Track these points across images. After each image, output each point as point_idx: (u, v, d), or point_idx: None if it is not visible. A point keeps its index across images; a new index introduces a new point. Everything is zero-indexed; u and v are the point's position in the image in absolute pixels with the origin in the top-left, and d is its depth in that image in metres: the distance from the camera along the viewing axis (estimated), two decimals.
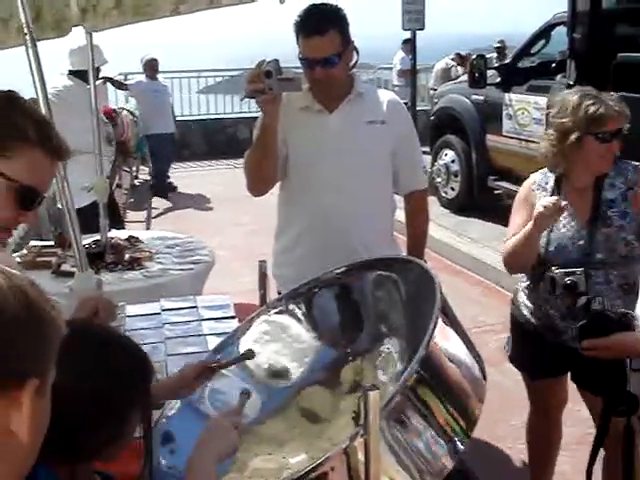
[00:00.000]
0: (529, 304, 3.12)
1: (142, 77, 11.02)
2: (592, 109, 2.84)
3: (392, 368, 2.04)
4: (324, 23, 2.89)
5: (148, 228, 8.51)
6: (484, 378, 1.86)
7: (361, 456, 1.47)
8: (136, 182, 11.42)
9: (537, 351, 3.18)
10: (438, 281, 1.85)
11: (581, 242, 2.90)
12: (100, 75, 5.81)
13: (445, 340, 1.75)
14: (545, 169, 3.08)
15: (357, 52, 3.04)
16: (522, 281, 3.16)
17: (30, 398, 0.88)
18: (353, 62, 3.05)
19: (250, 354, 2.11)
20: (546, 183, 3.05)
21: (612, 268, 2.89)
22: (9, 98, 1.64)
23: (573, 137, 2.86)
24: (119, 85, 9.01)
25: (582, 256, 2.89)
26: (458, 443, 1.67)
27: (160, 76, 11.17)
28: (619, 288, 2.91)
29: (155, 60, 10.93)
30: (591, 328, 2.49)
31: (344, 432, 1.87)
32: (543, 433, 3.42)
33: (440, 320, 1.72)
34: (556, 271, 2.91)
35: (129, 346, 1.54)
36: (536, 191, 3.07)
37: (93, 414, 1.42)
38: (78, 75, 5.51)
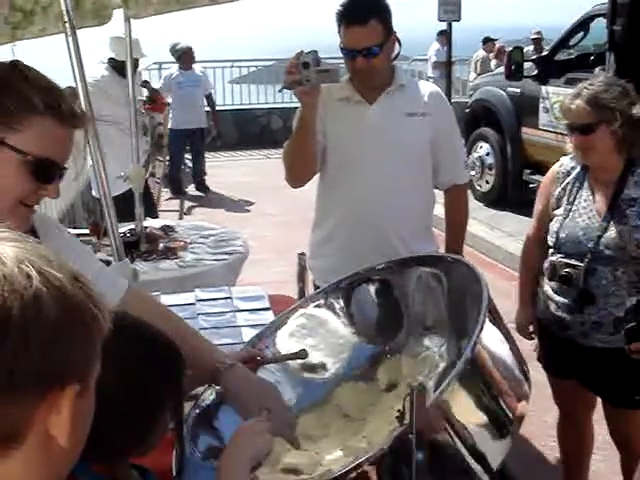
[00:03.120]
0: (542, 296, 3.12)
1: (174, 67, 10.55)
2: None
3: (432, 367, 2.00)
4: (366, 13, 2.86)
5: (181, 218, 8.55)
6: (527, 380, 1.82)
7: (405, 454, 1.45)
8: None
9: (553, 348, 3.17)
10: (485, 281, 1.81)
11: (592, 235, 2.87)
12: (138, 66, 5.80)
13: (490, 341, 1.72)
14: None
15: (399, 43, 3.01)
16: (541, 275, 3.14)
17: (71, 402, 0.86)
18: (395, 53, 3.02)
19: (303, 354, 2.09)
20: (572, 168, 3.03)
21: (620, 266, 2.85)
22: (13, 68, 1.56)
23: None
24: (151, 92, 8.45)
25: (590, 249, 2.87)
26: (502, 442, 1.65)
27: (197, 66, 10.66)
28: (629, 285, 2.86)
29: (191, 49, 10.44)
30: (639, 331, 2.45)
31: (381, 430, 1.84)
32: (572, 437, 3.39)
33: (487, 321, 1.68)
34: (559, 259, 2.92)
35: (163, 339, 1.52)
36: (560, 176, 3.07)
37: (128, 411, 1.40)
38: (115, 67, 5.53)
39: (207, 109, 10.80)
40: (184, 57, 10.35)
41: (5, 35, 3.49)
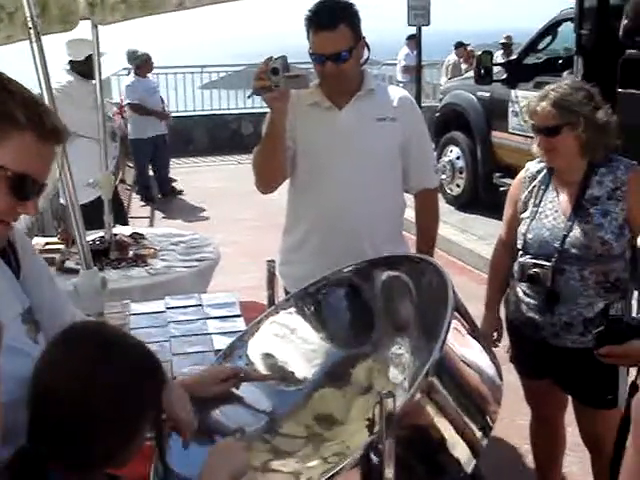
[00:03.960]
0: (513, 298, 3.14)
1: (132, 76, 10.49)
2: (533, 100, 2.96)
3: (405, 369, 2.00)
4: (335, 18, 2.85)
5: (152, 224, 8.49)
6: (500, 378, 1.82)
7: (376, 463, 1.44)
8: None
9: (525, 349, 3.19)
10: (450, 280, 1.81)
11: (559, 235, 2.91)
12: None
13: (459, 340, 1.71)
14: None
15: (368, 48, 3.01)
16: (511, 277, 3.16)
17: None
18: (364, 58, 3.02)
19: (286, 376, 2.09)
20: (538, 172, 3.07)
21: (587, 265, 2.89)
22: None
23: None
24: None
25: (557, 249, 2.91)
26: (475, 446, 1.64)
27: (150, 74, 10.72)
28: (597, 285, 2.91)
29: (150, 57, 10.46)
30: (608, 334, 2.46)
31: (358, 436, 1.84)
32: (545, 438, 3.42)
33: (454, 320, 1.68)
34: (526, 259, 2.96)
35: (141, 350, 1.51)
36: (526, 181, 3.11)
37: (104, 421, 1.39)
38: (79, 71, 5.49)
39: None
40: (144, 64, 10.34)
41: None
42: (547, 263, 2.92)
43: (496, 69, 8.42)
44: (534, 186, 3.05)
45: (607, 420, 2.94)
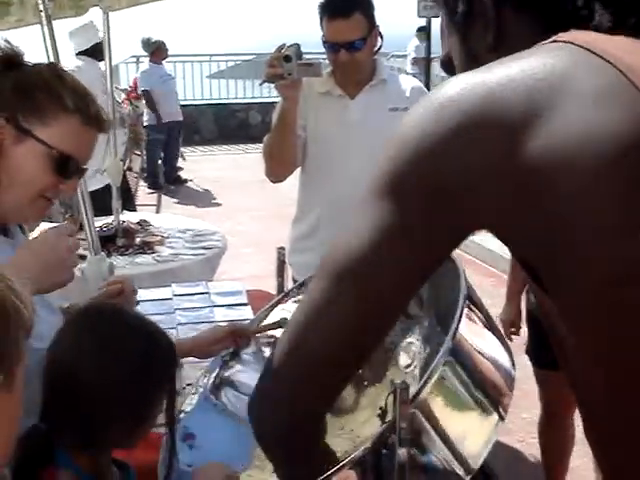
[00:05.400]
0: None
1: (146, 62, 10.67)
2: None
3: (414, 359, 1.98)
4: (349, 6, 2.83)
5: (158, 212, 8.49)
6: (514, 369, 1.80)
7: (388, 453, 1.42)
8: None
9: (544, 340, 3.15)
10: (462, 268, 1.79)
11: None
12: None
13: (472, 329, 1.69)
14: None
15: (381, 37, 2.99)
16: None
17: None
18: (377, 47, 3.00)
19: (283, 322, 2.07)
20: None
21: None
22: (50, 68, 1.72)
23: None
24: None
25: None
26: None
27: (164, 61, 10.80)
28: None
29: (164, 43, 10.56)
30: None
31: (367, 426, 1.82)
32: (554, 436, 3.38)
33: (467, 309, 1.66)
34: None
35: (155, 332, 1.50)
36: None
37: (116, 403, 1.39)
38: (86, 54, 5.48)
39: None
40: (158, 51, 10.36)
41: None
42: None
43: None
44: None
45: None
